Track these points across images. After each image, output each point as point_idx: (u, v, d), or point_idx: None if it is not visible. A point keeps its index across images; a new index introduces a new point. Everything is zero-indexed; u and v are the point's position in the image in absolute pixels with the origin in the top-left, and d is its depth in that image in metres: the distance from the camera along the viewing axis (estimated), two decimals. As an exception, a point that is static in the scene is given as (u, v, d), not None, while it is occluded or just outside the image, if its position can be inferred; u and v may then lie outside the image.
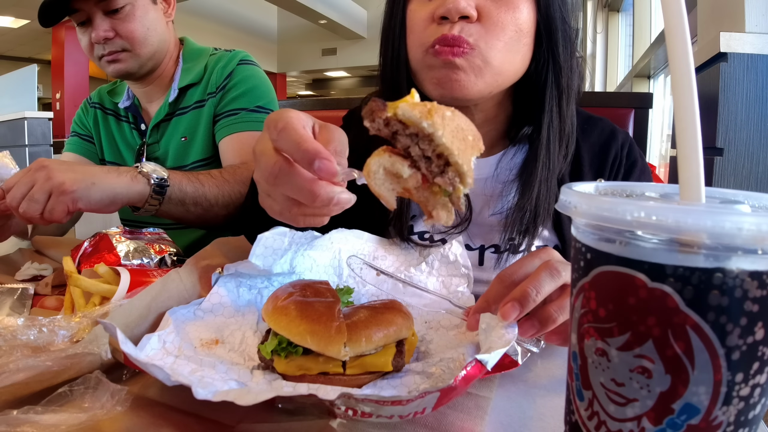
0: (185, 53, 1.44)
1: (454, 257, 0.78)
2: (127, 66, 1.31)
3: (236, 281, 0.68)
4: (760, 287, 0.28)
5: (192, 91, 1.39)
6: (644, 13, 4.93)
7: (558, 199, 0.36)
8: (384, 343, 0.56)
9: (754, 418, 0.31)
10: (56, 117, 6.63)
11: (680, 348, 0.29)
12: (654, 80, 4.35)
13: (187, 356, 0.55)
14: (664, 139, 4.10)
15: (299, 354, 0.54)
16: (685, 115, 0.33)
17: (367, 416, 0.44)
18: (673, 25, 0.33)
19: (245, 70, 1.37)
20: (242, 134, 1.30)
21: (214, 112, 1.35)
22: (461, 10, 0.74)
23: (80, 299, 0.70)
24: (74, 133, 1.53)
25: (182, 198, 1.05)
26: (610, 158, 0.90)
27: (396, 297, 0.73)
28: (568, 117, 0.85)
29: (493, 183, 0.89)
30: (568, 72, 0.83)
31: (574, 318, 0.36)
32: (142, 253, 0.87)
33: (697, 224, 0.28)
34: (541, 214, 0.83)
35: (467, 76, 0.77)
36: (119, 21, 1.27)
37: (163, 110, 1.39)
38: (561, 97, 0.84)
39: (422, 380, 0.56)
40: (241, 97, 1.33)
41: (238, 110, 1.32)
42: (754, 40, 1.40)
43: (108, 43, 1.28)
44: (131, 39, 1.29)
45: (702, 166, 0.33)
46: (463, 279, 0.77)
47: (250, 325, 0.64)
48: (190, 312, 0.62)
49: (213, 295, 0.65)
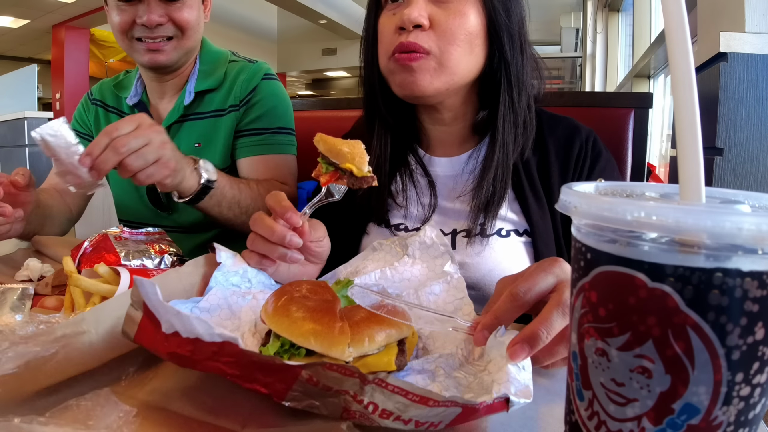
0: (202, 55, 1.41)
1: (431, 241, 0.80)
2: (168, 58, 1.28)
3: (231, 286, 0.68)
4: (761, 287, 0.28)
5: (210, 97, 1.36)
6: (644, 13, 4.93)
7: (559, 200, 0.36)
8: (386, 343, 0.56)
9: (754, 418, 0.31)
10: (56, 117, 6.63)
11: (680, 348, 0.29)
12: (654, 80, 4.35)
13: None
14: (664, 139, 4.10)
15: (302, 356, 0.54)
16: (685, 115, 0.33)
17: (385, 417, 0.44)
18: (673, 25, 0.33)
19: (269, 86, 1.38)
20: (265, 157, 1.34)
21: (236, 127, 1.35)
22: (414, 20, 0.85)
23: (80, 299, 0.70)
24: (74, 130, 1.49)
25: (220, 200, 1.11)
26: (575, 150, 0.98)
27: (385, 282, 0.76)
28: (521, 108, 0.95)
29: (465, 177, 0.99)
30: (517, 67, 0.93)
31: (574, 318, 0.36)
32: (142, 253, 0.86)
33: (697, 224, 0.28)
34: (498, 192, 0.93)
35: (423, 77, 0.88)
36: (175, 8, 1.25)
37: (176, 112, 1.35)
38: (512, 90, 0.93)
39: (424, 379, 0.56)
40: (265, 116, 1.35)
41: (262, 131, 1.35)
42: (754, 40, 1.40)
43: (158, 29, 1.25)
44: (184, 27, 1.27)
45: (702, 166, 0.33)
46: (445, 257, 0.78)
47: (248, 328, 0.64)
48: (188, 308, 0.62)
49: (211, 296, 0.65)
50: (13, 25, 9.94)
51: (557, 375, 0.60)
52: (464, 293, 0.73)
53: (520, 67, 0.93)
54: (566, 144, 0.98)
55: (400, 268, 0.77)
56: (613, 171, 0.99)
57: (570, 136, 0.99)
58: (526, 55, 0.95)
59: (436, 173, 1.02)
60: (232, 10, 11.00)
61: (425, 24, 0.86)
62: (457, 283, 0.74)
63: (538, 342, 0.53)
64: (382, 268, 0.77)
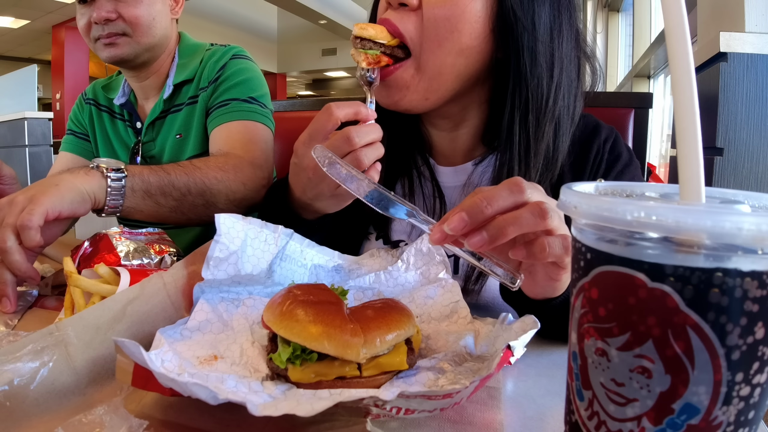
0: (181, 49, 1.43)
1: (427, 248, 0.78)
2: (122, 51, 1.28)
3: (218, 296, 0.66)
4: (761, 287, 0.28)
5: (187, 87, 1.37)
6: (644, 13, 4.93)
7: (559, 200, 0.36)
8: (395, 342, 0.56)
9: (754, 418, 0.31)
10: (56, 117, 6.63)
11: (680, 348, 0.29)
12: (654, 80, 4.35)
13: (190, 374, 0.53)
14: (664, 139, 4.10)
15: (314, 360, 0.53)
16: (685, 115, 0.33)
17: (410, 413, 0.45)
18: (673, 24, 0.33)
19: (238, 63, 1.35)
20: (232, 123, 1.26)
21: (206, 106, 1.33)
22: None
23: (80, 299, 0.70)
24: (70, 131, 1.50)
25: (147, 188, 0.97)
26: (591, 155, 0.87)
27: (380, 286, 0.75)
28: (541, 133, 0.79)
29: (468, 190, 0.89)
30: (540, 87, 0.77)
31: (574, 318, 0.36)
32: (142, 253, 0.86)
33: (697, 224, 0.28)
34: None
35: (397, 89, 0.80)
36: (125, 4, 1.25)
37: (158, 107, 1.37)
38: (528, 113, 0.78)
39: (436, 376, 0.56)
40: (233, 88, 1.31)
41: (230, 101, 1.29)
42: (754, 40, 1.40)
43: (108, 25, 1.25)
44: (134, 24, 1.27)
45: (702, 166, 0.33)
46: (440, 266, 0.77)
47: (246, 337, 0.62)
48: (177, 332, 0.60)
49: (197, 312, 0.62)
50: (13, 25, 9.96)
51: (557, 375, 0.60)
52: (459, 297, 0.73)
53: (542, 90, 0.78)
54: (582, 149, 0.87)
55: (395, 273, 0.77)
56: (633, 176, 0.87)
57: (587, 140, 0.88)
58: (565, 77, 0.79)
59: (442, 183, 0.92)
60: (232, 10, 11.02)
61: (412, 2, 0.75)
62: (451, 287, 0.74)
63: (477, 211, 0.49)
64: (377, 272, 0.77)
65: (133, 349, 0.46)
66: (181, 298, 0.65)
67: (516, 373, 0.60)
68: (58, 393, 0.51)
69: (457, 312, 0.71)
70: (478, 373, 0.55)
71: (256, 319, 0.65)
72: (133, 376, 0.48)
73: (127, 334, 0.57)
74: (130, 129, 1.43)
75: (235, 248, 0.66)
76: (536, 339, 0.58)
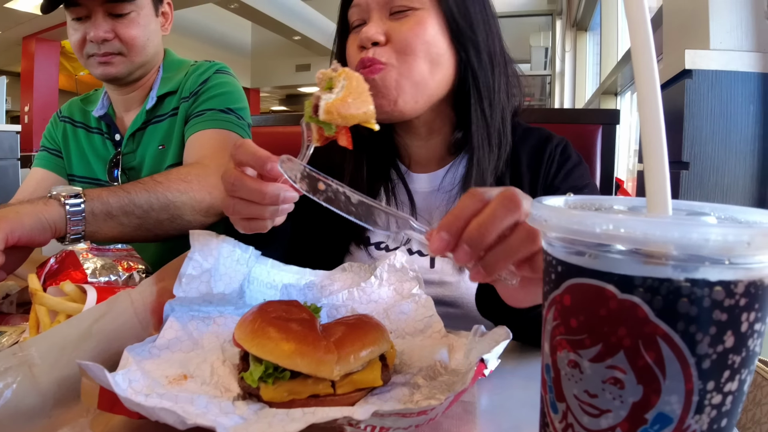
0: (166, 63, 1.45)
1: (400, 264, 0.79)
2: (117, 70, 1.30)
3: (188, 314, 0.64)
4: (728, 296, 0.29)
5: (170, 99, 1.38)
6: (611, 33, 5.06)
7: (530, 215, 0.37)
8: (369, 359, 0.55)
9: (727, 426, 0.31)
10: (24, 130, 6.49)
11: (651, 358, 0.30)
12: (621, 97, 4.46)
13: (159, 394, 0.51)
14: (631, 154, 4.19)
15: (286, 378, 0.52)
16: (651, 131, 0.34)
17: (385, 431, 0.45)
18: (639, 43, 0.34)
19: (220, 77, 1.37)
20: (206, 131, 1.26)
21: (185, 116, 1.33)
22: (371, 37, 0.86)
23: (45, 318, 0.68)
24: (43, 147, 1.49)
25: (107, 210, 0.95)
26: (545, 157, 0.97)
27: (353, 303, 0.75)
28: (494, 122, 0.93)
29: (440, 195, 0.98)
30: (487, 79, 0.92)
31: (547, 330, 0.36)
32: (109, 270, 0.85)
33: (664, 236, 0.28)
34: None
35: (388, 92, 0.86)
36: (122, 25, 1.27)
37: (140, 118, 1.37)
38: (482, 101, 0.92)
39: (410, 391, 0.56)
40: (212, 99, 1.32)
41: (207, 110, 1.30)
42: (719, 57, 1.44)
43: (104, 44, 1.26)
44: (131, 45, 1.29)
45: (668, 180, 0.33)
46: (413, 282, 0.78)
47: (216, 356, 0.61)
48: (145, 350, 0.58)
49: (167, 330, 0.61)
50: (-20, 37, 9.73)
51: (532, 387, 0.60)
52: (433, 311, 0.73)
53: (489, 79, 0.92)
54: (537, 153, 0.98)
55: (368, 290, 0.76)
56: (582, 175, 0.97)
57: (541, 146, 0.99)
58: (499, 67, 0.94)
59: (415, 189, 1.01)
60: (206, 25, 10.96)
61: (381, 40, 0.87)
62: (425, 302, 0.74)
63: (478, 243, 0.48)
64: (350, 288, 0.76)
65: (97, 372, 0.44)
66: (150, 316, 0.63)
67: (491, 387, 0.60)
68: (23, 415, 0.49)
69: (431, 326, 0.71)
70: (453, 387, 0.55)
71: (227, 337, 0.64)
72: (99, 399, 0.46)
73: (93, 353, 0.56)
74: (108, 141, 1.42)
75: (209, 266, 0.65)
76: (510, 351, 0.58)
